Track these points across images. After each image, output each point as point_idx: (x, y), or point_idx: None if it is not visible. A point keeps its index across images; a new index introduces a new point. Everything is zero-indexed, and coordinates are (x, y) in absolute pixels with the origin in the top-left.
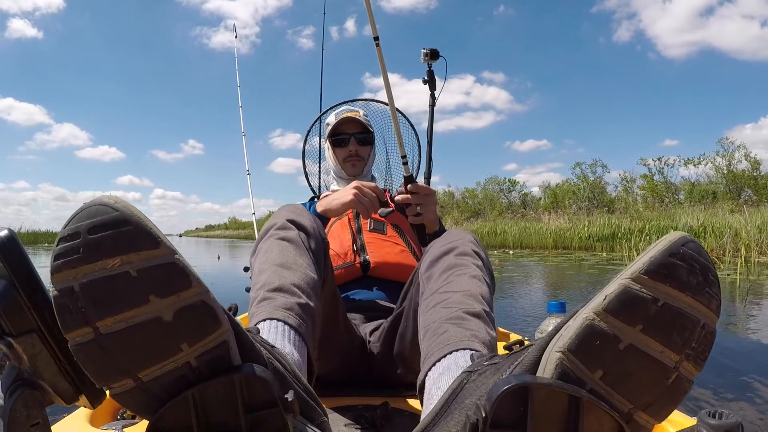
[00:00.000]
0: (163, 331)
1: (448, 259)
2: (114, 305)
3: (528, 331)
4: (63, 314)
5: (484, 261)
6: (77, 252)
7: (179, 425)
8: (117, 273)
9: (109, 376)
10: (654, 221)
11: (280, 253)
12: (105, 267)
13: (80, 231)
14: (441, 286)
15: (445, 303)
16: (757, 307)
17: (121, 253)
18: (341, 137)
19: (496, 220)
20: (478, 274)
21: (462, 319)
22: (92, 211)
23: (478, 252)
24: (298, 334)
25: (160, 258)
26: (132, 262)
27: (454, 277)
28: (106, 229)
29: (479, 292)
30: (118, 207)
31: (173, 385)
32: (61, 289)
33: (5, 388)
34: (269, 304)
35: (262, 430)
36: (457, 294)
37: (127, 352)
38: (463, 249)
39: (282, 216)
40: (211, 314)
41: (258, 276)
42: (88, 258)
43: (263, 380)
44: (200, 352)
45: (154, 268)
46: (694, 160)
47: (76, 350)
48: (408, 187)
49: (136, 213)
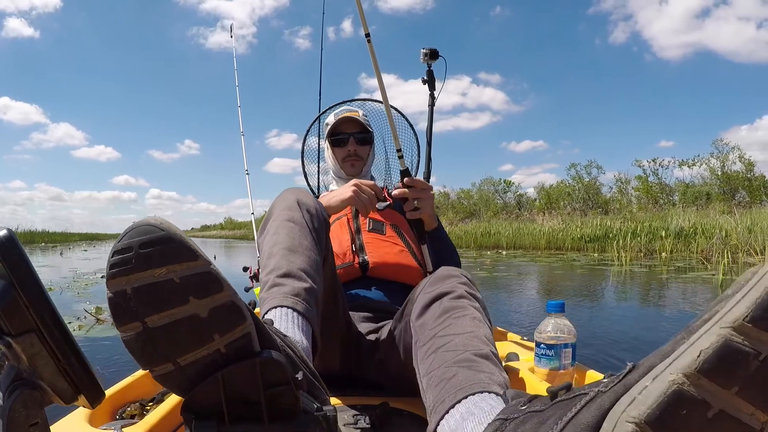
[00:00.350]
0: (199, 325)
1: (443, 302)
2: (160, 305)
3: (516, 327)
4: (116, 312)
5: (482, 303)
6: (130, 263)
7: (210, 400)
8: (163, 280)
9: (153, 362)
10: (646, 222)
11: (287, 235)
12: (153, 275)
13: (132, 246)
14: (439, 330)
15: (448, 347)
16: None
17: (167, 264)
18: (340, 137)
19: (491, 221)
20: (478, 316)
21: (472, 362)
22: (142, 230)
23: (474, 294)
24: (305, 318)
25: (198, 268)
26: (176, 271)
27: (452, 320)
28: (155, 245)
29: (483, 334)
30: (163, 227)
31: (205, 368)
32: (115, 291)
33: (4, 387)
34: (279, 291)
35: (277, 403)
36: (460, 336)
37: (170, 342)
38: (458, 293)
39: (287, 197)
40: (238, 312)
41: (268, 259)
42: (139, 268)
43: (278, 363)
44: (228, 341)
45: (194, 275)
46: (688, 162)
47: (126, 340)
48: (404, 181)
49: (178, 232)
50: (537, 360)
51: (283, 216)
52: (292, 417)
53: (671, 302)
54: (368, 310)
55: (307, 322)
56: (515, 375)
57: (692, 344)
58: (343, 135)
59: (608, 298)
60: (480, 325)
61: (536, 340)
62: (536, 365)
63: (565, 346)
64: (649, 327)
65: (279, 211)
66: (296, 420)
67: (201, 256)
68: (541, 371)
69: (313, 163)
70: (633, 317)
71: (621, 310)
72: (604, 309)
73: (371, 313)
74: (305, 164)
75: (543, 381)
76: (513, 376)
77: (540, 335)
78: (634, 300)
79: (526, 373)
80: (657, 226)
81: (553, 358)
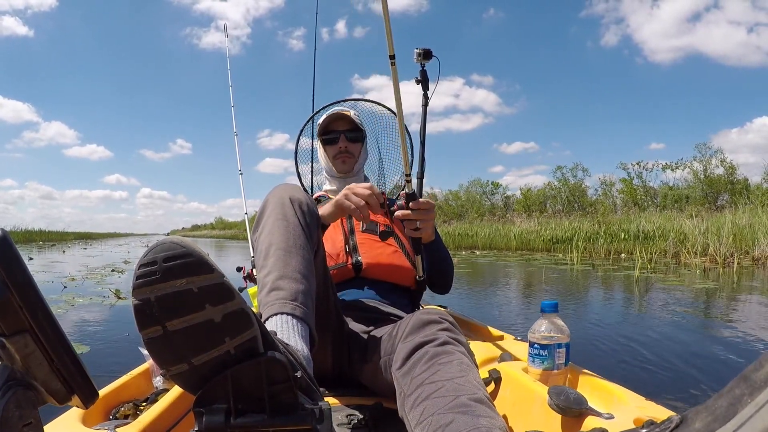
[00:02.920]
0: (213, 329)
1: (427, 350)
2: (180, 311)
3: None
4: (140, 317)
5: (466, 346)
6: (155, 274)
7: (219, 395)
8: (183, 289)
9: (170, 362)
10: (615, 225)
11: (282, 235)
12: (175, 285)
13: (157, 260)
14: (426, 378)
15: (438, 393)
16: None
17: (187, 276)
18: (331, 135)
19: (473, 222)
20: (465, 361)
21: (468, 406)
22: (166, 246)
23: (457, 338)
24: (303, 322)
25: (214, 279)
26: (194, 282)
27: (438, 366)
28: (177, 260)
29: (473, 378)
30: (184, 245)
31: (216, 367)
32: (141, 299)
33: None
34: (278, 296)
35: (279, 398)
36: (450, 382)
37: (186, 344)
38: (441, 340)
39: (279, 194)
40: (247, 318)
41: (264, 260)
42: (163, 279)
43: (281, 362)
44: (238, 343)
45: (210, 286)
46: (672, 165)
47: (147, 342)
48: (410, 204)
49: (197, 249)
50: (531, 360)
51: (276, 214)
52: (292, 411)
53: (583, 294)
54: (361, 311)
55: (305, 325)
56: (509, 375)
57: (761, 407)
58: (333, 133)
59: (532, 290)
60: (468, 370)
61: (530, 340)
62: (530, 365)
63: (559, 346)
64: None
65: (272, 208)
66: (295, 414)
67: (216, 269)
68: (534, 371)
69: (306, 163)
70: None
71: (532, 298)
72: (517, 297)
73: (364, 314)
74: (298, 164)
75: (537, 381)
76: (507, 377)
77: (533, 335)
78: (553, 292)
79: (520, 373)
80: (625, 228)
81: (546, 358)
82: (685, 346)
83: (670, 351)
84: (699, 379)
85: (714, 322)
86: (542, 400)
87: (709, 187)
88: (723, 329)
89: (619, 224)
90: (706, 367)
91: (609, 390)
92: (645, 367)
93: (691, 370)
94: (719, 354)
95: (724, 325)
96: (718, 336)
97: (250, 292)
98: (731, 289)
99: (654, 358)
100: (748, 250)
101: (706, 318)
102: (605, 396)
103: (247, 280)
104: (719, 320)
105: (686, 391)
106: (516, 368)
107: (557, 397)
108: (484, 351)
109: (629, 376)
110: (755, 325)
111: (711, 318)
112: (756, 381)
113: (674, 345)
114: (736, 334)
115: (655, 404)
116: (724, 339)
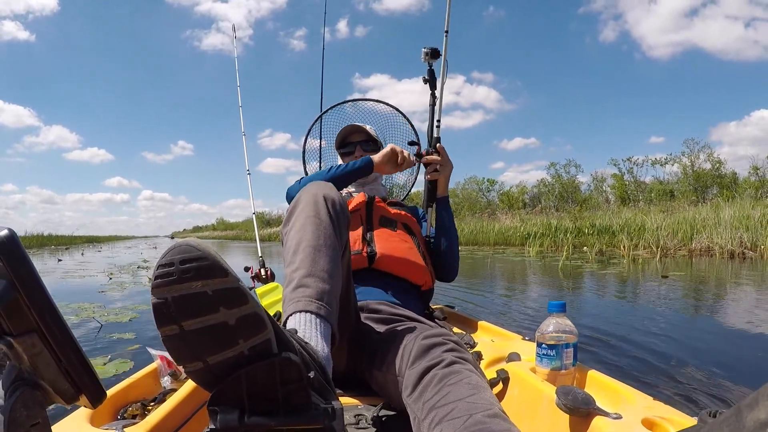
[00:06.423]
0: (227, 331)
1: (435, 373)
2: (195, 312)
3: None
4: (158, 315)
5: (473, 363)
6: (172, 275)
7: (233, 395)
8: (199, 291)
9: (185, 360)
10: (587, 220)
11: (313, 232)
12: (191, 287)
13: (174, 262)
14: (438, 401)
15: (453, 414)
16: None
17: (202, 278)
18: (348, 149)
19: (464, 219)
20: (475, 378)
21: (483, 423)
22: (182, 249)
23: (464, 357)
24: (326, 321)
25: (229, 283)
26: (209, 285)
27: (449, 387)
28: (193, 262)
29: (486, 395)
30: (200, 248)
31: (230, 367)
32: (159, 298)
33: (5, 387)
34: (304, 293)
35: (292, 399)
36: (462, 402)
37: (201, 343)
38: (447, 361)
39: (314, 190)
40: (261, 321)
41: (293, 255)
42: (179, 281)
43: (294, 363)
44: (251, 345)
45: (224, 289)
46: (660, 160)
47: (165, 340)
48: (437, 146)
49: (213, 253)
50: (538, 360)
51: (309, 210)
52: (305, 410)
53: (519, 279)
54: (373, 311)
55: (328, 325)
56: (517, 375)
57: None
58: (350, 145)
59: (477, 276)
60: (480, 387)
61: (537, 340)
62: (538, 365)
63: (567, 346)
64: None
65: (305, 204)
66: (308, 413)
67: (231, 273)
68: (542, 371)
69: (311, 163)
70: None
71: (472, 282)
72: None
73: (376, 314)
74: (306, 163)
75: (545, 381)
76: (514, 377)
77: (541, 335)
78: (479, 276)
79: (528, 373)
80: (598, 223)
81: (554, 358)
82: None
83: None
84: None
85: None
86: (550, 400)
87: (697, 182)
88: (589, 306)
89: (592, 220)
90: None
91: (617, 390)
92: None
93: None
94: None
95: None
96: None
97: (258, 292)
98: (625, 275)
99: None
100: (686, 243)
101: (559, 291)
102: (613, 396)
103: (255, 280)
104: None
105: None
106: (524, 368)
107: (565, 397)
108: (492, 351)
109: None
110: (618, 309)
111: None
112: (747, 425)
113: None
114: (608, 312)
115: (663, 404)
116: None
